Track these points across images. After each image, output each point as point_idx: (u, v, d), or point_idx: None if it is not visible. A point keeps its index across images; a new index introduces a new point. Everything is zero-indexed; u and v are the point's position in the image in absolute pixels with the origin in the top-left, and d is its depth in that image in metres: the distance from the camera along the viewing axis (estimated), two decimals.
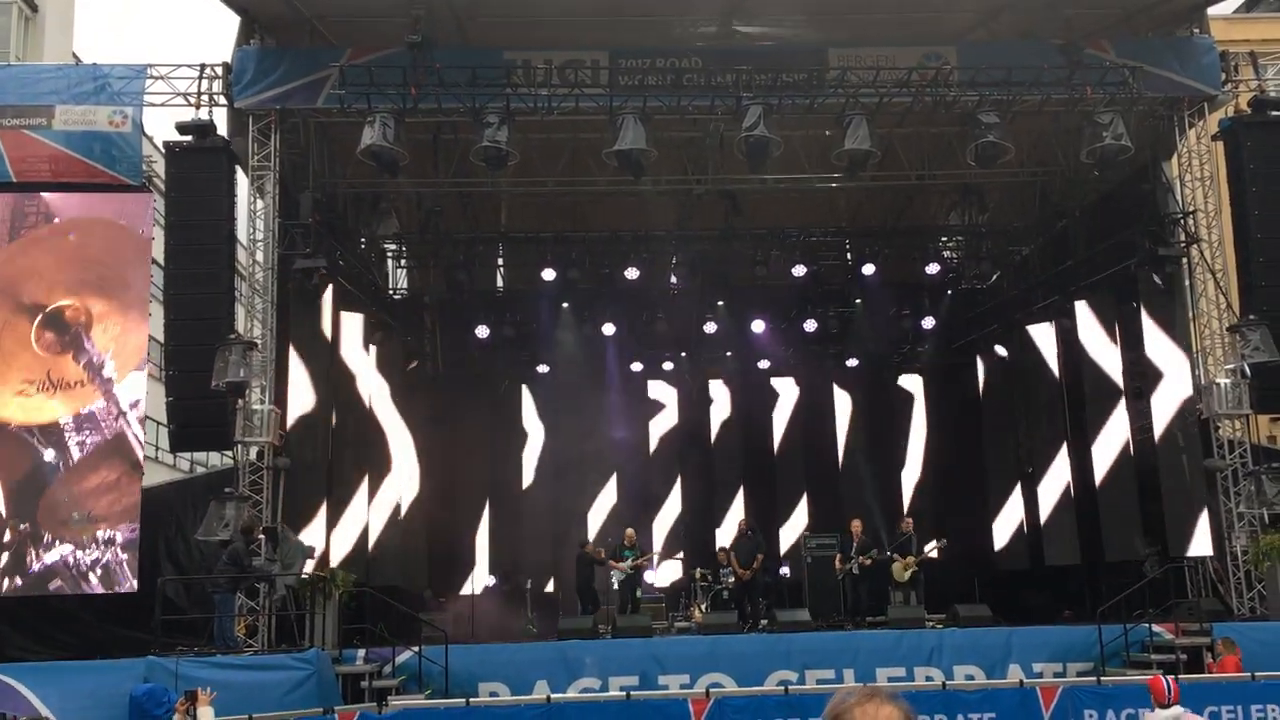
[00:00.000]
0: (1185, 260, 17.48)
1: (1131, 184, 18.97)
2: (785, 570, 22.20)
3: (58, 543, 15.87)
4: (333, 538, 17.02)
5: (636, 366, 24.71)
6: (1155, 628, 14.79)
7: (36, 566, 15.80)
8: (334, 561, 16.31)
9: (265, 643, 14.85)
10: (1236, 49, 17.99)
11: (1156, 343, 18.04)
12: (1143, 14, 17.40)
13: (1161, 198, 17.85)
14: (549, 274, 21.74)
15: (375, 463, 19.85)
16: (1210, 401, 16.59)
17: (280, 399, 16.37)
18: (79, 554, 15.84)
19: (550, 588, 22.47)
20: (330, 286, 17.64)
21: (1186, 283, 17.58)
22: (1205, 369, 17.03)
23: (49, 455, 16.08)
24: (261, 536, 15.22)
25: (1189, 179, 17.69)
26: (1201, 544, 16.74)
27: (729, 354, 24.86)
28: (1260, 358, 16.16)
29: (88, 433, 16.18)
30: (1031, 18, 17.12)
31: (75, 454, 16.15)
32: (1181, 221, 17.40)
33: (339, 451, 18.15)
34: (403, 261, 23.97)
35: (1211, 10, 18.08)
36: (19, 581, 15.70)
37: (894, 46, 17.10)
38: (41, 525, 15.89)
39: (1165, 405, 17.76)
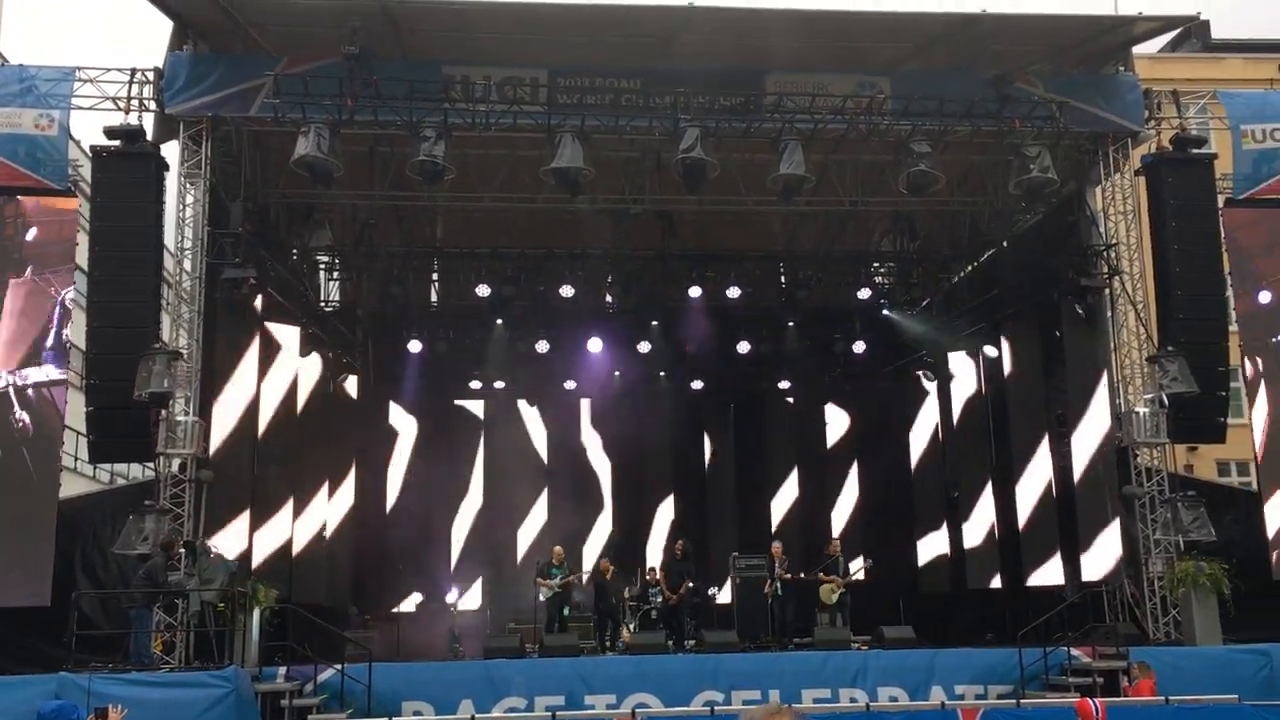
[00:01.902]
0: (1107, 291, 17.92)
1: (1057, 216, 19.43)
2: (714, 591, 22.25)
3: None
4: (255, 553, 16.73)
5: (570, 384, 24.69)
6: (1074, 651, 15.05)
7: None
8: (256, 577, 16.00)
9: (183, 660, 14.53)
10: (1160, 87, 18.50)
11: (1079, 371, 18.46)
12: (1070, 51, 17.85)
13: (1085, 230, 18.29)
14: (484, 290, 21.66)
15: (302, 478, 19.56)
16: (1129, 430, 17.01)
17: (205, 411, 16.08)
18: None
19: (477, 605, 22.30)
20: (259, 297, 17.41)
21: (1108, 313, 18.02)
22: (1125, 398, 17.46)
23: None
24: (181, 551, 14.90)
25: (1112, 212, 18.16)
26: (1119, 570, 17.10)
27: (662, 374, 24.93)
28: (1177, 388, 16.61)
29: None
30: (964, 51, 17.47)
31: None
32: (1104, 254, 17.85)
33: (264, 465, 17.86)
34: (335, 274, 23.69)
35: (1136, 50, 18.58)
36: None
37: (830, 74, 17.34)
38: None
39: (1086, 433, 18.17)
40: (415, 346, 23.00)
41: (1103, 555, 17.52)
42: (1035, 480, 19.86)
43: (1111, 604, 17.31)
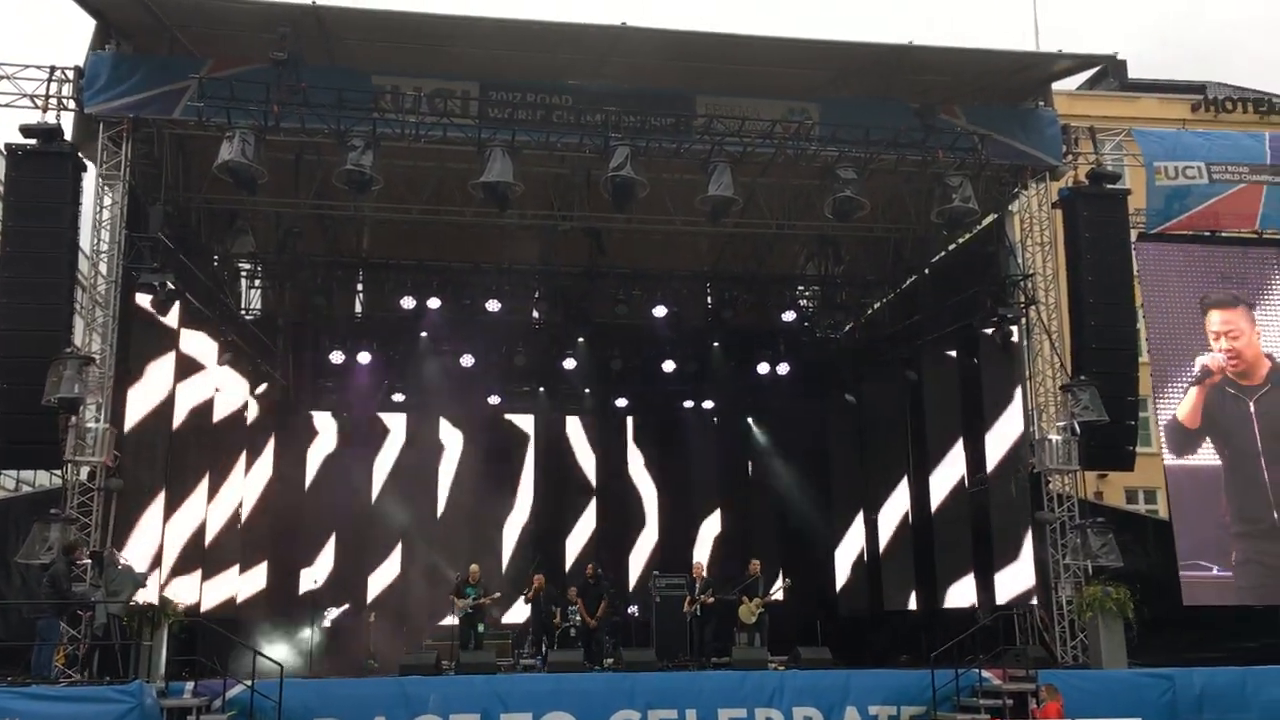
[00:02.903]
0: (1024, 320, 18.33)
1: (977, 245, 19.85)
2: (634, 609, 22.23)
3: None
4: (166, 564, 16.33)
5: (494, 399, 24.57)
6: (985, 673, 15.26)
7: None
8: (166, 589, 15.63)
9: (86, 673, 14.09)
10: (1078, 124, 19.02)
11: (995, 398, 18.86)
12: (993, 85, 18.27)
13: (1004, 260, 18.69)
14: (409, 302, 21.47)
15: (216, 488, 19.17)
16: (1042, 456, 17.39)
17: (117, 418, 15.68)
18: None
19: (393, 620, 22.00)
20: (177, 303, 17.05)
21: (1024, 342, 18.44)
22: (1039, 425, 17.85)
23: None
24: (87, 560, 14.48)
25: (1030, 244, 18.60)
26: (1030, 594, 17.46)
27: (587, 390, 24.93)
28: (1089, 416, 17.03)
29: None
30: (891, 81, 17.79)
31: None
32: (1021, 284, 18.26)
33: (177, 475, 17.47)
34: (257, 282, 23.30)
35: (1056, 86, 19.12)
36: None
37: (759, 98, 17.54)
38: None
39: (1000, 458, 18.55)
40: (337, 357, 22.71)
41: (1015, 579, 17.88)
42: (950, 505, 20.22)
43: (1022, 627, 17.64)
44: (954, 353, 20.53)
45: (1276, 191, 18.65)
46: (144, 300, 16.39)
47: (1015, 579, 17.85)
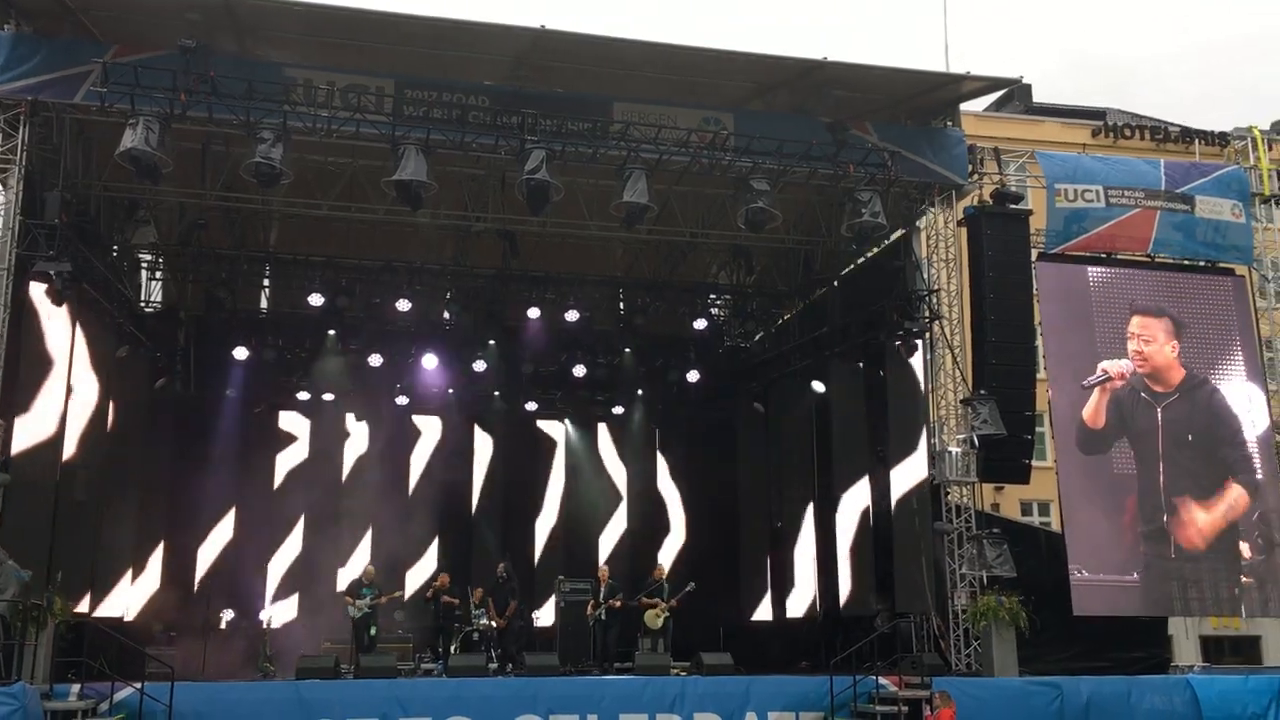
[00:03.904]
0: (928, 335, 18.72)
1: (885, 259, 20.22)
2: (538, 614, 22.17)
3: None
4: (56, 563, 15.78)
5: (402, 400, 24.29)
6: (881, 680, 15.57)
7: None
8: (55, 589, 15.11)
9: None
10: (983, 144, 19.50)
11: (899, 410, 19.23)
12: (903, 104, 18.67)
13: (910, 275, 19.07)
14: (317, 299, 21.09)
15: (111, 485, 18.63)
16: (942, 468, 17.79)
17: (6, 412, 15.12)
18: None
19: (291, 621, 21.62)
20: (74, 293, 16.50)
21: (927, 356, 18.83)
22: (940, 438, 18.24)
23: None
24: None
25: (935, 259, 19.02)
26: (926, 602, 17.82)
27: (497, 393, 24.79)
28: (988, 430, 17.47)
29: None
30: (804, 95, 18.07)
31: None
32: (926, 298, 18.65)
33: (71, 471, 16.92)
34: (158, 274, 22.69)
35: (964, 106, 19.58)
36: None
37: (676, 106, 17.66)
38: None
39: (903, 469, 18.92)
40: (241, 353, 22.22)
41: (912, 588, 18.24)
42: (854, 514, 20.56)
43: (919, 635, 18.01)
44: (860, 365, 20.87)
45: (1169, 217, 19.36)
46: (38, 289, 15.84)
47: (912, 588, 18.19)
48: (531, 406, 25.23)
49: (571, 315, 22.26)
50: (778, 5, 78.61)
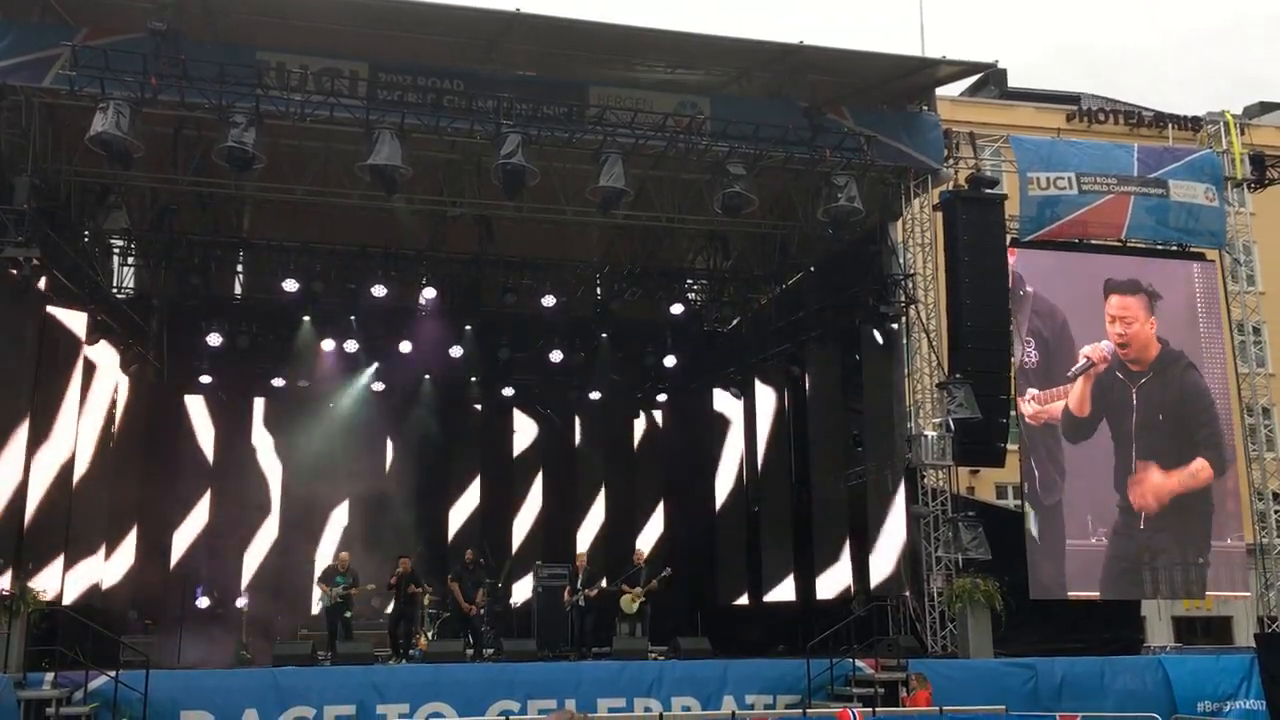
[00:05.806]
0: (904, 319, 18.78)
1: (861, 244, 20.21)
2: (515, 599, 22.17)
3: None
4: (26, 551, 15.66)
5: (378, 386, 24.17)
6: (858, 663, 15.68)
7: None
8: (28, 578, 14.99)
9: None
10: (959, 129, 19.57)
11: (875, 394, 19.30)
12: (879, 88, 18.68)
13: (886, 259, 19.11)
14: (291, 285, 20.92)
15: (86, 472, 18.44)
16: (918, 452, 17.84)
17: None
18: None
19: (268, 607, 21.51)
20: (43, 279, 16.33)
21: (904, 340, 18.90)
22: (916, 421, 18.33)
23: None
24: None
25: (911, 244, 19.07)
26: (902, 585, 17.94)
27: (474, 379, 24.71)
28: (963, 414, 17.54)
29: None
30: (780, 80, 18.05)
31: None
32: (902, 283, 18.69)
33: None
34: (130, 260, 22.47)
35: (939, 91, 19.63)
36: None
37: (652, 91, 17.62)
38: None
39: (879, 453, 18.99)
40: (215, 340, 22.06)
41: (889, 571, 18.35)
42: (830, 497, 20.63)
43: (895, 617, 18.12)
44: (837, 349, 20.93)
45: (1143, 201, 19.47)
46: (7, 275, 15.64)
47: (890, 571, 18.30)
48: (509, 392, 25.17)
49: (548, 300, 22.19)
50: None
